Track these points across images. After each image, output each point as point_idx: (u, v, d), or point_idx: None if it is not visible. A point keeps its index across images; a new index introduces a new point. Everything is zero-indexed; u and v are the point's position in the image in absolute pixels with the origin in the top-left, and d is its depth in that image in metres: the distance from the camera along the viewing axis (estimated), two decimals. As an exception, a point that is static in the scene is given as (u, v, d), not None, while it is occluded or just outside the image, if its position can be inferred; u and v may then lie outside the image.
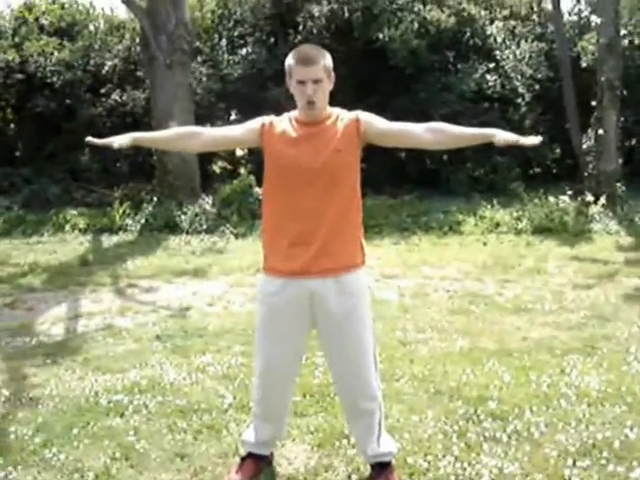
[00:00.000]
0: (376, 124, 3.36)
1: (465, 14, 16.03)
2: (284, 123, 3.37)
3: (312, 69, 3.20)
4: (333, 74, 3.31)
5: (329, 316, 3.32)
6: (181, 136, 3.54)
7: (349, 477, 3.64)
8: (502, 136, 3.33)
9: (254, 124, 3.41)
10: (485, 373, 5.06)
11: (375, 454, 3.53)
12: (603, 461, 3.69)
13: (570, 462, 3.69)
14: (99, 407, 4.62)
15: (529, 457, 3.77)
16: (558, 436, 3.99)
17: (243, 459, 3.70)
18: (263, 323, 3.44)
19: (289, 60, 3.28)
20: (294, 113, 3.38)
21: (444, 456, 3.80)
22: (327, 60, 3.26)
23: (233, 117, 17.48)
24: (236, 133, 3.48)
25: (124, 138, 3.33)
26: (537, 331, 6.14)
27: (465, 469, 3.66)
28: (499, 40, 16.52)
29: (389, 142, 3.45)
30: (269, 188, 3.39)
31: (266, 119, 3.42)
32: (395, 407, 4.36)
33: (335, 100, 3.41)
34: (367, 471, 3.66)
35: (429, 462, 3.74)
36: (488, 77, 15.44)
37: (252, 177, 13.01)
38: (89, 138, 3.38)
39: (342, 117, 3.35)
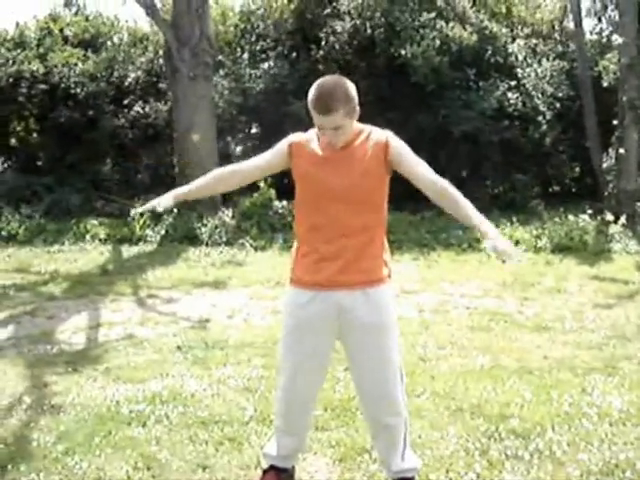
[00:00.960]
0: (402, 160, 3.28)
1: (487, 32, 16.06)
2: (312, 142, 3.37)
3: (330, 119, 3.16)
4: (357, 108, 3.25)
5: (356, 328, 3.33)
6: (219, 179, 3.61)
7: (370, 492, 3.64)
8: (493, 243, 3.09)
9: (282, 146, 3.43)
10: (506, 391, 5.04)
11: (399, 470, 3.52)
12: (626, 481, 3.68)
13: (593, 482, 3.68)
14: (120, 416, 4.64)
15: (551, 476, 3.76)
16: (580, 455, 3.98)
17: (265, 472, 3.70)
18: (289, 335, 3.45)
19: (310, 97, 3.21)
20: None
21: (466, 473, 3.79)
22: (349, 100, 3.18)
23: (254, 130, 17.56)
24: (267, 160, 3.49)
25: (167, 199, 3.40)
26: (558, 350, 6.12)
27: (487, 486, 3.66)
28: (520, 58, 16.52)
29: (404, 174, 3.37)
30: (299, 206, 3.42)
31: (293, 139, 3.42)
32: (416, 423, 4.35)
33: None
34: (389, 486, 3.66)
35: (451, 479, 3.74)
36: (509, 95, 15.44)
37: (272, 190, 13.03)
38: (135, 210, 3.42)
39: (372, 136, 3.31)
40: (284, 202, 11.49)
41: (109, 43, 18.22)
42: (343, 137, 3.25)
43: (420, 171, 3.28)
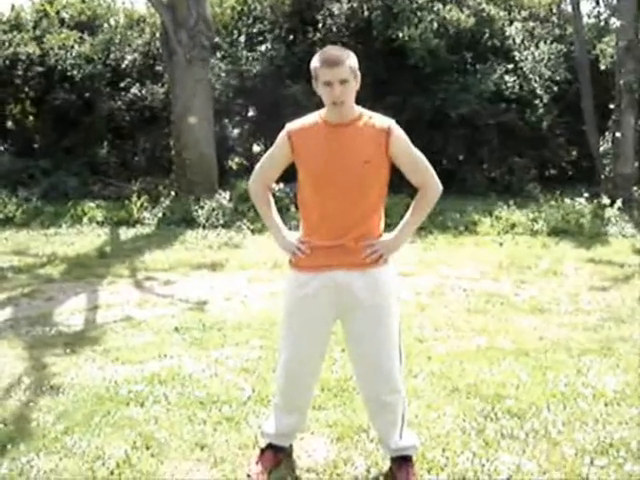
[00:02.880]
0: (400, 154, 3.35)
1: (484, 15, 16.05)
2: (312, 128, 3.38)
3: (338, 70, 3.20)
4: (359, 74, 3.31)
5: (356, 308, 3.36)
6: (265, 198, 3.63)
7: (368, 471, 3.67)
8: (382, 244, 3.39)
9: (282, 139, 3.45)
10: (502, 371, 5.08)
11: (398, 447, 3.56)
12: (620, 460, 3.71)
13: (587, 461, 3.71)
14: (119, 397, 4.67)
15: (547, 455, 3.80)
16: (575, 435, 4.02)
17: (263, 450, 3.74)
18: (290, 314, 3.48)
19: (314, 62, 3.27)
20: (322, 113, 3.38)
21: (462, 452, 3.83)
22: (352, 60, 3.25)
23: (251, 113, 17.54)
24: (276, 157, 3.53)
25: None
26: (553, 331, 6.15)
27: (483, 465, 3.69)
28: (518, 41, 16.53)
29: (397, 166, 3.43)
30: (302, 191, 3.45)
31: (291, 127, 3.44)
32: (413, 403, 4.38)
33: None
34: (386, 465, 3.69)
35: (447, 458, 3.77)
36: (506, 78, 15.45)
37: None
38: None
39: (373, 122, 3.33)
40: (281, 184, 11.48)
41: (106, 25, 18.18)
42: (349, 98, 3.27)
43: (411, 166, 3.42)
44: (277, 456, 3.70)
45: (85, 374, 5.13)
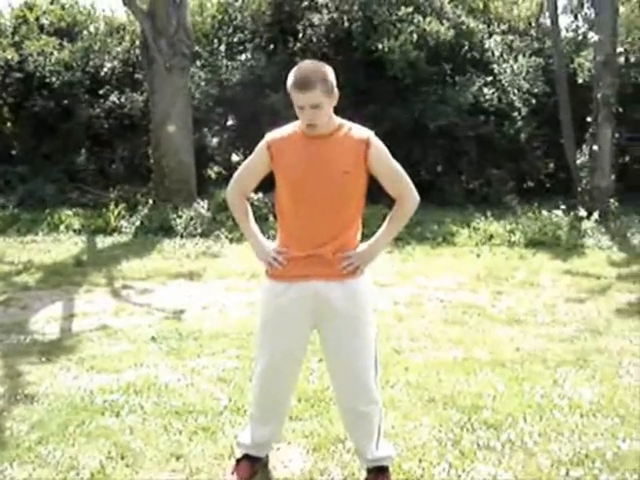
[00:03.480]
0: (381, 163, 3.36)
1: (464, 27, 16.13)
2: (292, 138, 3.39)
3: (309, 95, 3.19)
4: (336, 90, 3.29)
5: (333, 318, 3.37)
6: (242, 206, 3.62)
7: (344, 481, 3.67)
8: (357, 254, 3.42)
9: (261, 148, 3.46)
10: (479, 382, 5.09)
11: (374, 458, 3.56)
12: (596, 471, 3.73)
13: (563, 472, 3.72)
14: (94, 406, 4.64)
15: (523, 466, 3.81)
16: (551, 446, 4.03)
17: (239, 460, 3.72)
18: (265, 323, 3.48)
19: (289, 80, 3.26)
20: (301, 123, 3.37)
21: (438, 463, 3.83)
22: (327, 80, 3.23)
23: (230, 122, 17.51)
24: (255, 165, 3.54)
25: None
26: (530, 342, 6.18)
27: (459, 476, 3.69)
28: (497, 54, 16.63)
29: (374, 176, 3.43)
30: (279, 200, 3.45)
31: (271, 137, 3.45)
32: (390, 413, 4.38)
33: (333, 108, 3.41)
34: (362, 476, 3.68)
35: (423, 468, 3.77)
36: (485, 90, 15.52)
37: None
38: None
39: (353, 133, 3.33)
40: (260, 194, 11.47)
41: (85, 32, 18.08)
42: (322, 119, 3.26)
43: (388, 184, 3.45)
44: (253, 466, 3.68)
45: (60, 383, 5.09)
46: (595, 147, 13.77)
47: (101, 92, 16.81)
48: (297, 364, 3.57)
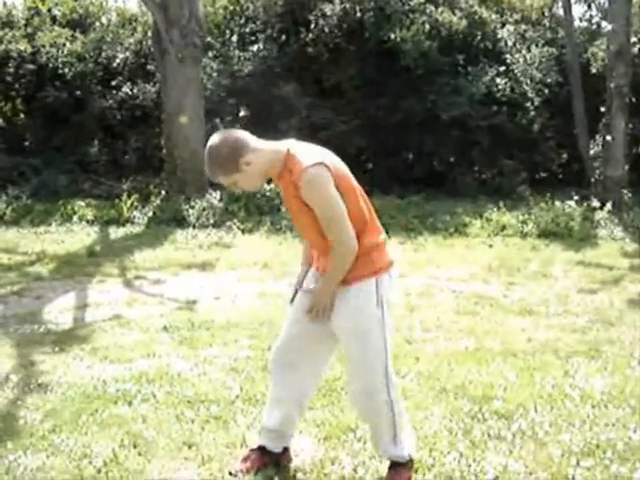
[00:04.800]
0: (310, 203, 3.24)
1: (476, 17, 16.08)
2: None
3: (215, 181, 3.38)
4: (245, 158, 3.22)
5: (335, 329, 3.45)
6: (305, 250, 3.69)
7: (355, 470, 3.67)
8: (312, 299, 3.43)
9: None
10: (490, 373, 5.09)
11: (385, 452, 3.56)
12: (607, 461, 3.73)
13: (574, 462, 3.72)
14: (107, 395, 4.67)
15: (533, 456, 3.81)
16: (562, 436, 4.03)
17: (252, 450, 3.73)
18: None
19: None
20: None
21: (449, 452, 3.84)
22: (224, 164, 3.24)
23: (242, 113, 17.51)
24: None
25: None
26: (542, 333, 6.17)
27: (470, 466, 3.70)
28: (509, 44, 16.56)
29: None
30: None
31: None
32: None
33: (345, 99, 3.39)
34: (373, 465, 3.70)
35: (434, 458, 3.78)
36: (498, 80, 15.47)
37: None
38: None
39: (294, 171, 3.23)
40: (272, 185, 11.47)
41: (97, 23, 18.14)
42: (247, 184, 3.38)
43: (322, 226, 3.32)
44: (263, 458, 3.68)
45: (73, 372, 5.13)
46: (608, 137, 13.70)
47: (113, 83, 16.87)
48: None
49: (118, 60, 17.07)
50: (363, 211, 3.39)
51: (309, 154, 3.25)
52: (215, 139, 3.29)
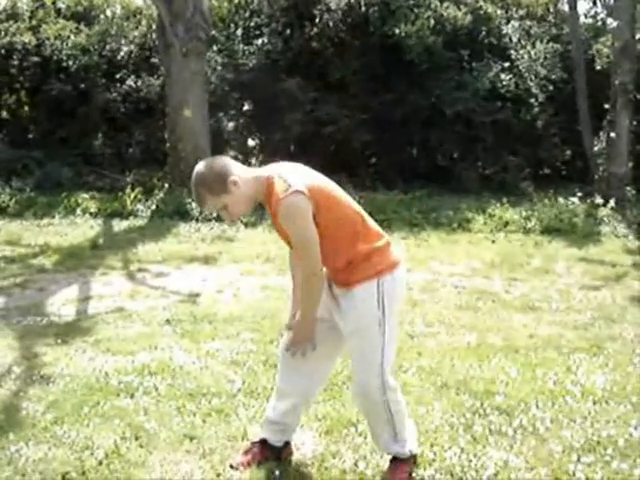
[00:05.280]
0: (287, 229, 3.31)
1: (481, 12, 16.05)
2: None
3: (204, 207, 3.41)
4: (231, 179, 3.27)
5: (339, 319, 3.45)
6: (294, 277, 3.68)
7: (356, 464, 3.68)
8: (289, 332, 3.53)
9: None
10: (492, 368, 5.10)
11: (385, 447, 3.60)
12: (607, 458, 3.73)
13: (575, 458, 3.73)
14: (109, 387, 4.68)
15: (534, 451, 3.82)
16: (563, 432, 4.04)
17: (253, 443, 3.74)
18: None
19: None
20: None
21: (450, 447, 3.84)
22: (213, 187, 3.26)
23: (246, 107, 17.50)
24: None
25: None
26: (544, 329, 6.18)
27: (471, 461, 3.71)
28: (514, 40, 16.51)
29: None
30: None
31: None
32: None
33: (349, 93, 3.39)
34: (374, 459, 3.71)
35: (435, 453, 3.79)
36: (502, 76, 15.43)
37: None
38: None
39: (273, 197, 3.28)
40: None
41: (102, 16, 18.12)
42: (236, 210, 3.38)
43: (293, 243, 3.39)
44: (264, 452, 3.68)
45: (76, 364, 5.14)
46: (612, 134, 13.68)
47: (118, 76, 16.86)
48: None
49: (122, 53, 17.07)
50: (355, 220, 3.40)
51: (285, 181, 3.25)
52: (200, 165, 3.35)
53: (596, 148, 14.54)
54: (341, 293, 3.42)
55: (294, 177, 3.27)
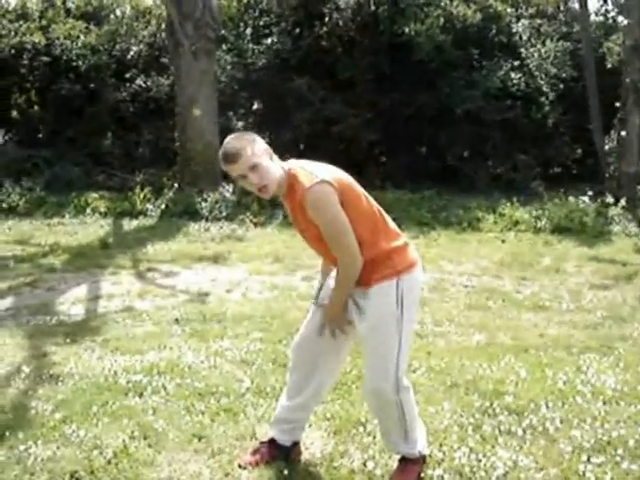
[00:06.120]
0: (316, 220, 3.23)
1: (491, 11, 16.02)
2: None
3: (234, 167, 3.22)
4: (267, 150, 3.27)
5: (357, 317, 3.43)
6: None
7: (364, 464, 3.66)
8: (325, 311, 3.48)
9: None
10: (501, 368, 5.07)
11: (394, 447, 3.57)
12: (618, 458, 3.70)
13: (585, 458, 3.70)
14: (118, 386, 4.67)
15: (544, 451, 3.79)
16: (573, 432, 4.00)
17: (262, 442, 3.74)
18: None
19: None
20: None
21: (459, 447, 3.82)
22: (252, 149, 3.21)
23: (256, 106, 17.52)
24: None
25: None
26: (554, 329, 6.15)
27: (480, 461, 3.68)
28: (524, 38, 16.50)
29: None
30: None
31: None
32: (411, 398, 4.38)
33: (358, 92, 3.38)
34: (383, 459, 3.69)
35: (444, 452, 3.77)
36: (512, 75, 15.41)
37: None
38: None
39: (297, 189, 3.23)
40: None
41: (112, 16, 18.23)
42: (263, 179, 3.23)
43: (327, 242, 3.30)
44: (272, 452, 3.66)
45: (85, 364, 5.13)
46: (623, 133, 13.64)
47: (127, 76, 16.93)
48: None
49: (132, 53, 17.15)
50: (376, 218, 3.39)
51: (310, 172, 3.23)
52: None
53: (607, 147, 14.51)
54: (360, 292, 3.39)
55: (319, 169, 3.26)
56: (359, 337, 3.48)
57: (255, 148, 3.22)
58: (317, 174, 3.20)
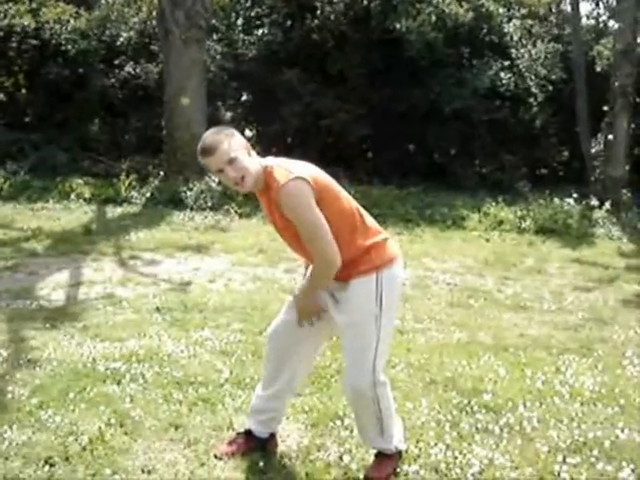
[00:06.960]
0: (291, 218, 3.20)
1: (483, 10, 16.03)
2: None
3: (210, 160, 3.21)
4: (245, 145, 3.27)
5: (335, 311, 3.42)
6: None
7: (341, 458, 3.66)
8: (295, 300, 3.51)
9: None
10: (481, 366, 5.08)
11: (371, 442, 3.58)
12: (593, 459, 3.72)
13: (560, 458, 3.71)
14: (96, 373, 4.65)
15: (520, 450, 3.80)
16: (550, 432, 4.02)
17: (238, 433, 3.73)
18: None
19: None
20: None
21: (436, 444, 3.82)
22: (229, 143, 3.20)
23: (244, 97, 17.47)
24: None
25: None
26: (534, 329, 6.17)
27: (456, 457, 3.69)
28: (515, 38, 16.52)
29: None
30: None
31: None
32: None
33: (348, 87, 3.36)
34: (359, 453, 3.69)
35: (420, 449, 3.77)
36: (502, 75, 15.43)
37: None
38: None
39: (272, 191, 3.22)
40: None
41: (102, 1, 18.06)
42: (239, 174, 3.21)
43: (303, 239, 3.27)
44: (249, 443, 3.66)
45: (63, 349, 5.11)
46: (610, 137, 13.70)
47: (116, 62, 16.80)
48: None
49: (122, 39, 17.00)
50: (355, 217, 3.37)
51: (286, 169, 3.20)
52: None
53: (593, 150, 14.57)
54: (338, 286, 3.37)
55: (295, 167, 3.24)
56: (338, 330, 3.47)
57: (232, 142, 3.21)
58: (293, 171, 3.18)
